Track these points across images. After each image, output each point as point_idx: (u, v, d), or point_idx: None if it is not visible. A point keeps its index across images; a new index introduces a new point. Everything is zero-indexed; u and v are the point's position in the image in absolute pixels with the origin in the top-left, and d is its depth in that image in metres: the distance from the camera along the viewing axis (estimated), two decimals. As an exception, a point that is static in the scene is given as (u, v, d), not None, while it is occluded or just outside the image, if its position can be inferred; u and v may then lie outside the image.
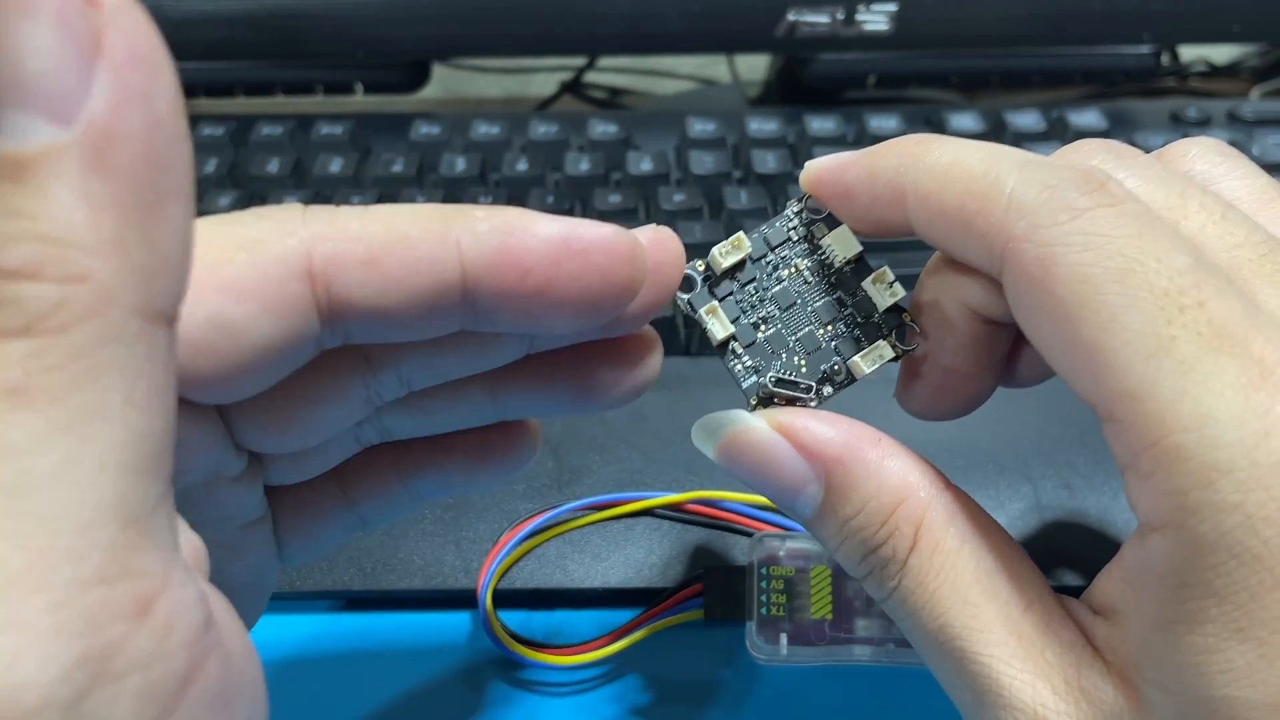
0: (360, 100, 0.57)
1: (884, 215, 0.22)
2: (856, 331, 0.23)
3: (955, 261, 0.22)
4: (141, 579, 0.13)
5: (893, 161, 0.21)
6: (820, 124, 0.49)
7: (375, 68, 0.56)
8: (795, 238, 0.23)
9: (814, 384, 0.23)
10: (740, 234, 0.23)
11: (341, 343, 0.19)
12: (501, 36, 0.52)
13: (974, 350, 0.23)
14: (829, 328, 0.23)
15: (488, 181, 0.46)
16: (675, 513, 0.31)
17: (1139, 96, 0.63)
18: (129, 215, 0.13)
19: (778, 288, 0.23)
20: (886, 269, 0.23)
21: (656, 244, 0.20)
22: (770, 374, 0.23)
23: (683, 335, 0.38)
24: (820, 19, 0.51)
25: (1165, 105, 0.51)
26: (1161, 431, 0.17)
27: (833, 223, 0.23)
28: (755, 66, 0.66)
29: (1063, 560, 0.30)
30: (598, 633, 0.28)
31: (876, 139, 0.48)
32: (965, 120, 0.49)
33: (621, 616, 0.28)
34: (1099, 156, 0.21)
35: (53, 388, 0.12)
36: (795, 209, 0.23)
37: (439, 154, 0.47)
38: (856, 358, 0.23)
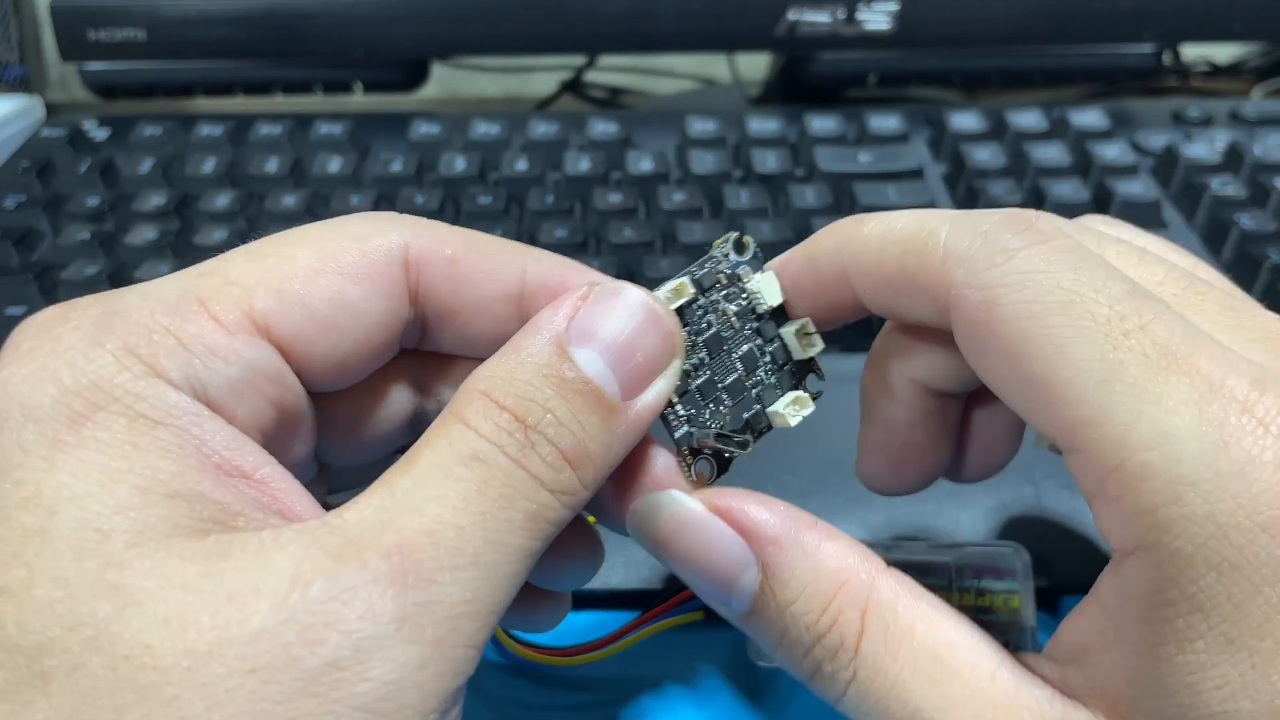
0: (359, 100, 0.57)
1: (832, 298, 0.22)
2: (775, 379, 0.23)
3: (898, 340, 0.23)
4: (472, 669, 0.18)
5: (829, 244, 0.22)
6: (820, 123, 0.48)
7: (374, 67, 0.56)
8: (724, 281, 0.23)
9: (746, 437, 0.22)
10: (683, 279, 0.22)
11: (415, 343, 0.22)
12: (501, 36, 0.52)
13: (926, 423, 0.23)
14: (753, 375, 0.23)
15: (487, 181, 0.46)
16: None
17: (1141, 96, 0.63)
18: (614, 465, 0.20)
19: (709, 333, 0.22)
20: (808, 321, 0.23)
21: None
22: (708, 425, 0.22)
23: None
24: (821, 18, 0.51)
25: (1167, 105, 0.51)
26: (1124, 454, 0.17)
27: (757, 266, 0.23)
28: (755, 66, 0.66)
29: (1064, 560, 0.30)
30: (597, 634, 0.28)
31: (877, 139, 0.47)
32: (966, 120, 0.49)
33: (621, 617, 0.28)
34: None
35: (539, 529, 0.18)
36: (723, 250, 0.23)
37: (438, 153, 0.47)
38: (776, 406, 0.23)
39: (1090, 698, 0.18)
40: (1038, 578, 0.28)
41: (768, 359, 0.23)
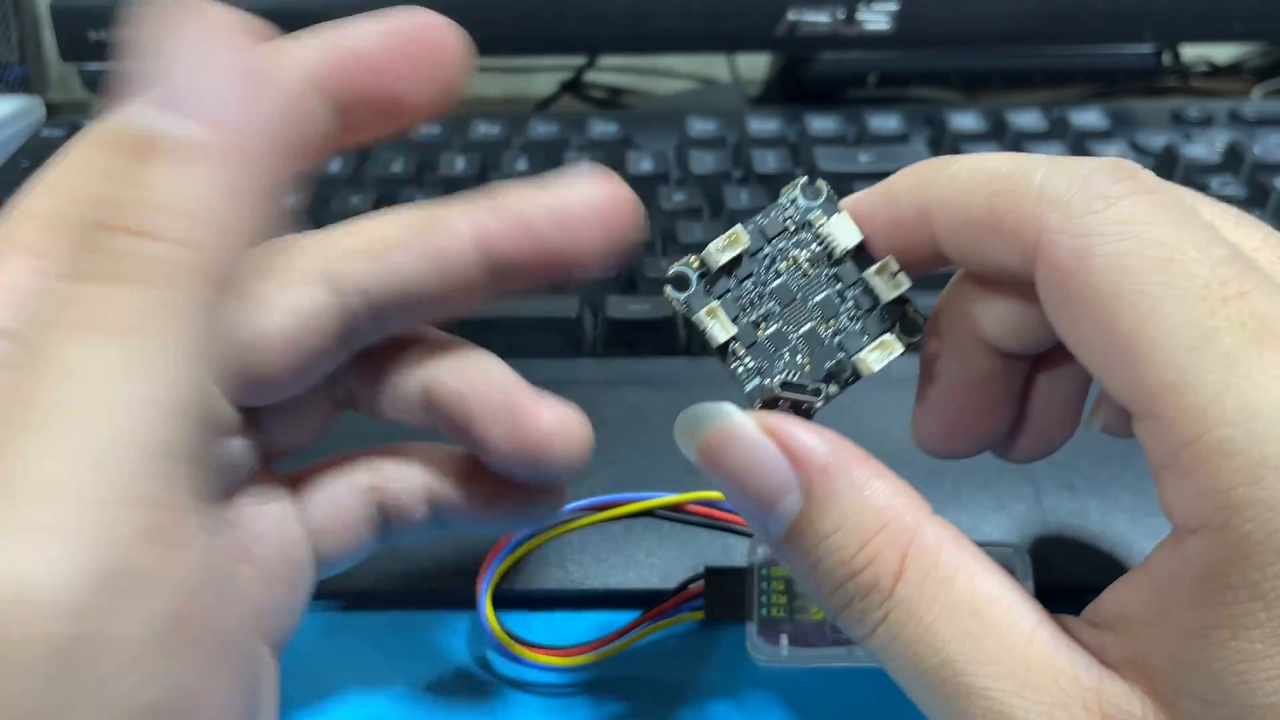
0: (360, 100, 0.57)
1: (908, 240, 0.21)
2: (860, 325, 0.22)
3: (968, 293, 0.22)
4: (171, 512, 0.14)
5: (911, 181, 0.21)
6: (821, 123, 0.48)
7: (375, 67, 0.56)
8: (792, 228, 0.22)
9: (820, 384, 0.21)
10: (738, 228, 0.22)
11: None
12: (501, 36, 0.52)
13: (987, 385, 0.22)
14: (832, 322, 0.22)
15: (488, 181, 0.46)
16: (675, 513, 0.31)
17: (1141, 96, 0.63)
18: (239, 207, 0.16)
19: (776, 282, 0.22)
20: (891, 259, 0.21)
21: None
22: (776, 376, 0.22)
23: (681, 336, 0.37)
24: (821, 18, 0.51)
25: (1167, 105, 0.51)
26: (1204, 426, 0.16)
27: (830, 209, 0.22)
28: (755, 66, 0.66)
29: (1065, 561, 0.30)
30: (598, 634, 0.28)
31: (877, 139, 0.48)
32: (966, 120, 0.49)
33: (621, 618, 0.28)
34: None
35: (134, 329, 0.14)
36: (790, 196, 0.22)
37: (439, 154, 0.47)
38: (862, 354, 0.22)
39: (1128, 669, 0.18)
40: (1038, 578, 0.28)
41: (850, 304, 0.22)
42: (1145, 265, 0.17)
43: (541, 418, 0.22)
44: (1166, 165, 0.45)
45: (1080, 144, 0.46)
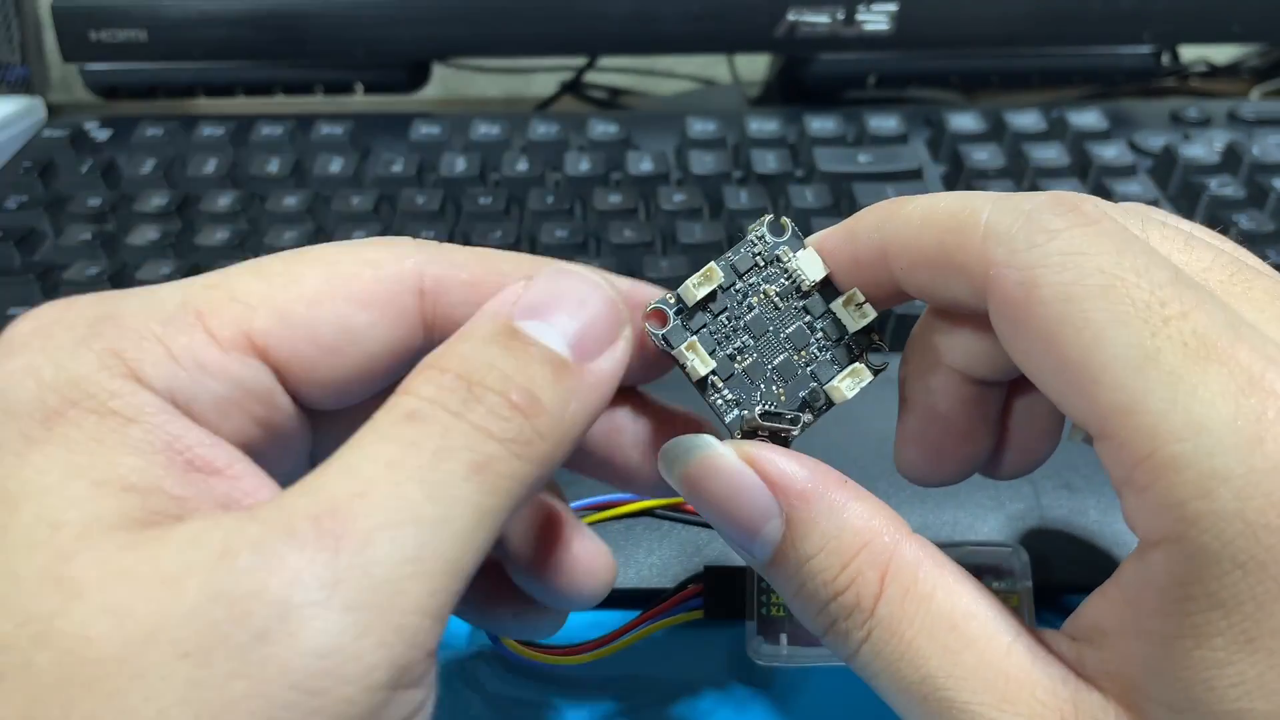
0: (360, 100, 0.57)
1: (869, 277, 0.22)
2: (830, 355, 0.23)
3: (937, 326, 0.23)
4: (439, 633, 0.17)
5: (869, 221, 0.22)
6: (820, 124, 0.48)
7: (375, 68, 0.56)
8: (761, 263, 0.22)
9: (797, 413, 0.22)
10: (712, 264, 0.22)
11: None
12: (501, 36, 0.52)
13: (966, 412, 0.23)
14: (803, 353, 0.23)
15: (488, 181, 0.46)
16: (675, 513, 0.31)
17: (1139, 97, 0.63)
18: (584, 428, 0.19)
19: (749, 316, 0.22)
20: (856, 291, 0.22)
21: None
22: (755, 407, 0.22)
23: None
24: (820, 19, 0.51)
25: (1165, 105, 0.51)
26: (1155, 444, 0.17)
27: (796, 245, 0.22)
28: (755, 66, 0.66)
29: (1063, 560, 0.30)
30: (597, 633, 0.28)
31: (877, 139, 0.48)
32: (965, 120, 0.49)
33: (621, 617, 0.28)
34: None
35: (488, 479, 0.17)
36: (758, 233, 0.23)
37: (439, 154, 0.47)
38: (834, 382, 0.22)
39: (1104, 680, 0.18)
40: (1037, 578, 0.28)
41: (820, 335, 0.23)
42: (1088, 293, 0.18)
43: (575, 546, 0.22)
44: (1165, 166, 0.45)
45: (1079, 144, 0.47)
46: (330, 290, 0.19)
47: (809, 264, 0.22)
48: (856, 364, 0.23)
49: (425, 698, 0.17)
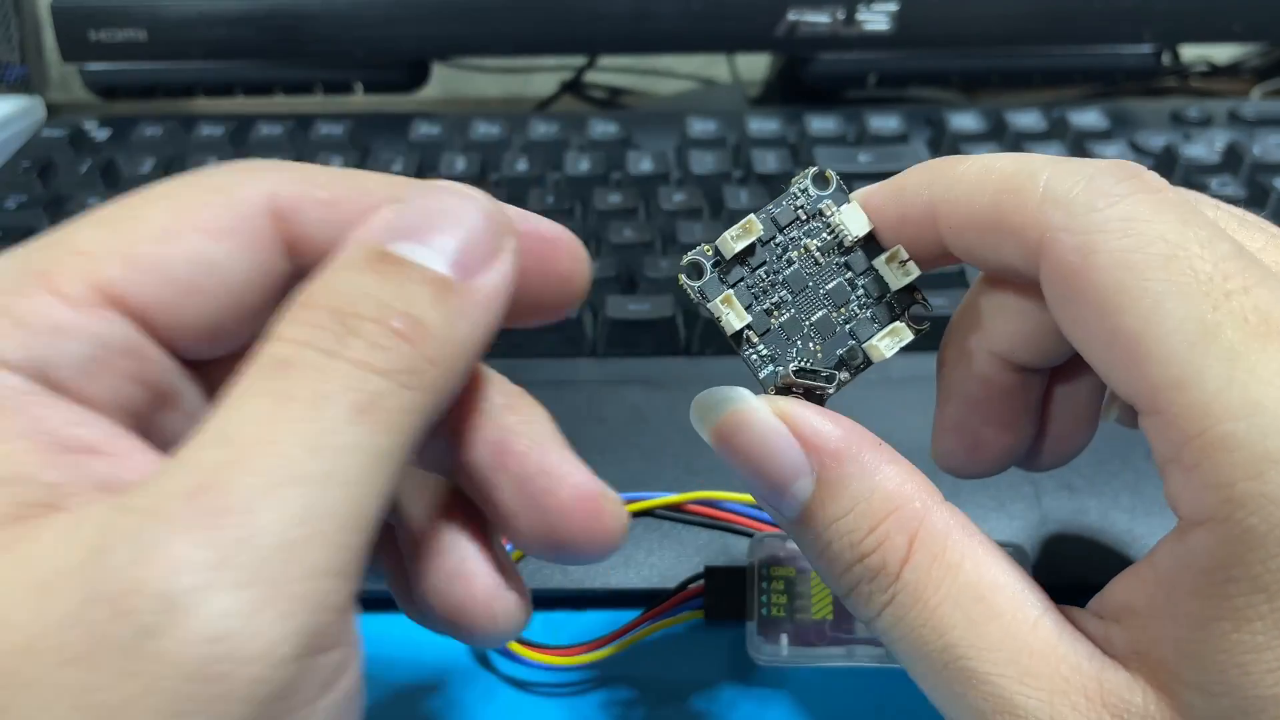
0: (360, 100, 0.57)
1: (915, 235, 0.21)
2: (870, 313, 0.22)
3: (980, 309, 0.22)
4: (352, 588, 0.16)
5: (921, 178, 0.21)
6: (820, 124, 0.48)
7: (375, 67, 0.56)
8: (804, 216, 0.22)
9: (833, 371, 0.22)
10: (751, 216, 0.22)
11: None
12: (501, 36, 0.52)
13: (1006, 401, 0.23)
14: (843, 310, 0.22)
15: (487, 181, 0.46)
16: (675, 513, 0.31)
17: (1140, 96, 0.63)
18: (476, 349, 0.18)
19: (788, 270, 0.22)
20: (900, 248, 0.22)
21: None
22: (790, 363, 0.22)
23: (682, 336, 0.37)
24: (820, 18, 0.51)
25: (1166, 105, 0.51)
26: (1208, 421, 0.16)
27: (841, 199, 0.22)
28: (755, 66, 0.66)
29: (1064, 560, 0.30)
30: (598, 633, 0.28)
31: (877, 139, 0.48)
32: (966, 120, 0.49)
33: (622, 617, 0.28)
34: None
35: (379, 416, 0.16)
36: (801, 185, 0.22)
37: (439, 154, 0.47)
38: (873, 340, 0.22)
39: (1132, 659, 0.18)
40: (1038, 578, 0.28)
41: (860, 292, 0.22)
42: (1148, 262, 0.17)
43: (565, 484, 0.19)
44: (1166, 165, 0.45)
45: (1080, 144, 0.46)
46: (177, 225, 0.18)
47: (853, 219, 0.22)
48: (897, 323, 0.22)
49: (346, 657, 0.16)
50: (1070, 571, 0.30)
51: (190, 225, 0.18)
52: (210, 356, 0.19)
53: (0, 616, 0.14)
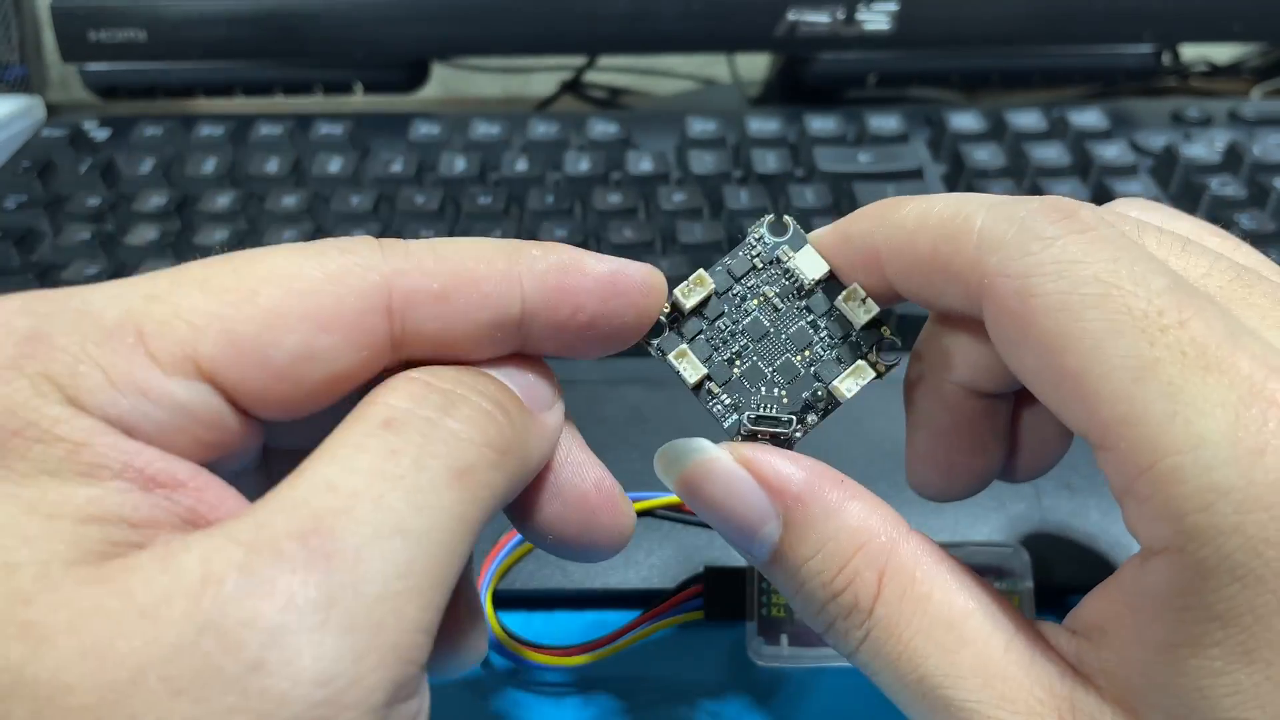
0: (359, 100, 0.57)
1: (863, 278, 0.22)
2: (834, 353, 0.22)
3: (938, 343, 0.23)
4: (431, 646, 0.16)
5: (864, 225, 0.22)
6: (820, 124, 0.48)
7: (375, 67, 0.56)
8: (760, 265, 0.22)
9: (795, 414, 0.22)
10: (701, 271, 0.22)
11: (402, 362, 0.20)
12: (501, 36, 0.52)
13: (974, 427, 0.23)
14: (806, 353, 0.22)
15: (487, 181, 0.46)
16: (675, 513, 0.31)
17: (1140, 96, 0.63)
18: (543, 461, 0.20)
19: (748, 319, 0.22)
20: (858, 286, 0.22)
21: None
22: (753, 411, 0.22)
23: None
24: (820, 18, 0.51)
25: (1166, 105, 0.51)
26: (1155, 455, 0.16)
27: (798, 244, 0.22)
28: (755, 66, 0.66)
29: (1064, 560, 0.30)
30: (598, 633, 0.28)
31: (877, 139, 0.48)
32: (966, 120, 0.49)
33: (621, 617, 0.28)
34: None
35: (471, 490, 0.17)
36: (758, 234, 0.22)
37: (438, 154, 0.47)
38: (837, 381, 0.22)
39: (1100, 679, 0.18)
40: (1038, 578, 0.28)
41: (824, 334, 0.22)
42: (1084, 302, 0.17)
43: (589, 478, 0.21)
44: (1166, 165, 0.45)
45: (1080, 144, 0.46)
46: (287, 310, 0.17)
47: (809, 262, 0.22)
48: (860, 362, 0.22)
49: (420, 706, 0.16)
50: (1070, 572, 0.30)
51: (302, 313, 0.18)
52: (287, 419, 0.19)
53: (99, 647, 0.14)
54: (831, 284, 0.22)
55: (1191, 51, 0.66)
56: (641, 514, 0.31)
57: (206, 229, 0.42)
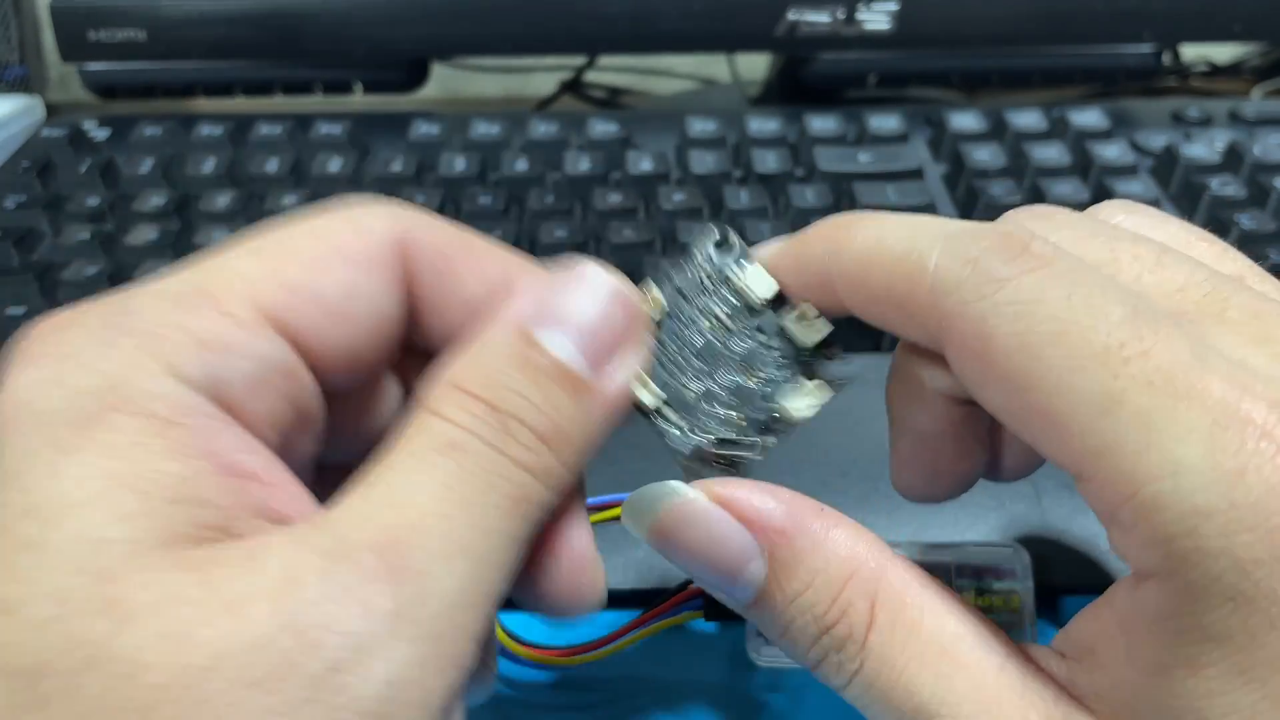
0: (359, 100, 0.57)
1: (819, 299, 0.22)
2: (785, 374, 0.22)
3: (915, 355, 0.22)
4: (475, 664, 0.18)
5: (817, 249, 0.21)
6: (821, 123, 0.48)
7: (374, 67, 0.56)
8: (709, 284, 0.22)
9: (756, 439, 0.21)
10: (654, 291, 0.22)
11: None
12: (501, 36, 0.52)
13: (956, 432, 0.23)
14: (759, 374, 0.22)
15: (487, 181, 0.46)
16: (675, 513, 0.31)
17: (1140, 96, 0.63)
18: (595, 443, 0.20)
19: (700, 341, 0.22)
20: (808, 305, 0.21)
21: None
22: (708, 435, 0.21)
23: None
24: (820, 18, 0.51)
25: (1167, 105, 0.51)
26: (1134, 484, 0.16)
27: (744, 262, 0.22)
28: (755, 66, 0.66)
29: (1064, 560, 0.30)
30: (597, 633, 0.28)
31: (877, 139, 0.47)
32: (966, 120, 0.49)
33: (621, 617, 0.28)
34: (1025, 223, 0.20)
35: (525, 513, 0.18)
36: (704, 252, 0.22)
37: (438, 153, 0.47)
38: (789, 402, 0.22)
39: (1093, 701, 0.18)
40: (1038, 578, 0.28)
41: (775, 354, 0.22)
42: (1043, 341, 0.17)
43: (570, 545, 0.21)
44: (1166, 165, 0.45)
45: (1080, 144, 0.46)
46: (326, 254, 0.19)
47: (757, 280, 0.22)
48: (812, 383, 0.22)
49: (463, 710, 0.18)
50: (1070, 572, 0.30)
51: (337, 255, 0.19)
52: (344, 386, 0.20)
53: (181, 632, 0.15)
54: (781, 303, 0.22)
55: (1192, 51, 0.66)
56: (641, 514, 0.31)
57: (206, 229, 0.42)
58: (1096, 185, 0.44)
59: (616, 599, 0.29)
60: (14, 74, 0.59)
